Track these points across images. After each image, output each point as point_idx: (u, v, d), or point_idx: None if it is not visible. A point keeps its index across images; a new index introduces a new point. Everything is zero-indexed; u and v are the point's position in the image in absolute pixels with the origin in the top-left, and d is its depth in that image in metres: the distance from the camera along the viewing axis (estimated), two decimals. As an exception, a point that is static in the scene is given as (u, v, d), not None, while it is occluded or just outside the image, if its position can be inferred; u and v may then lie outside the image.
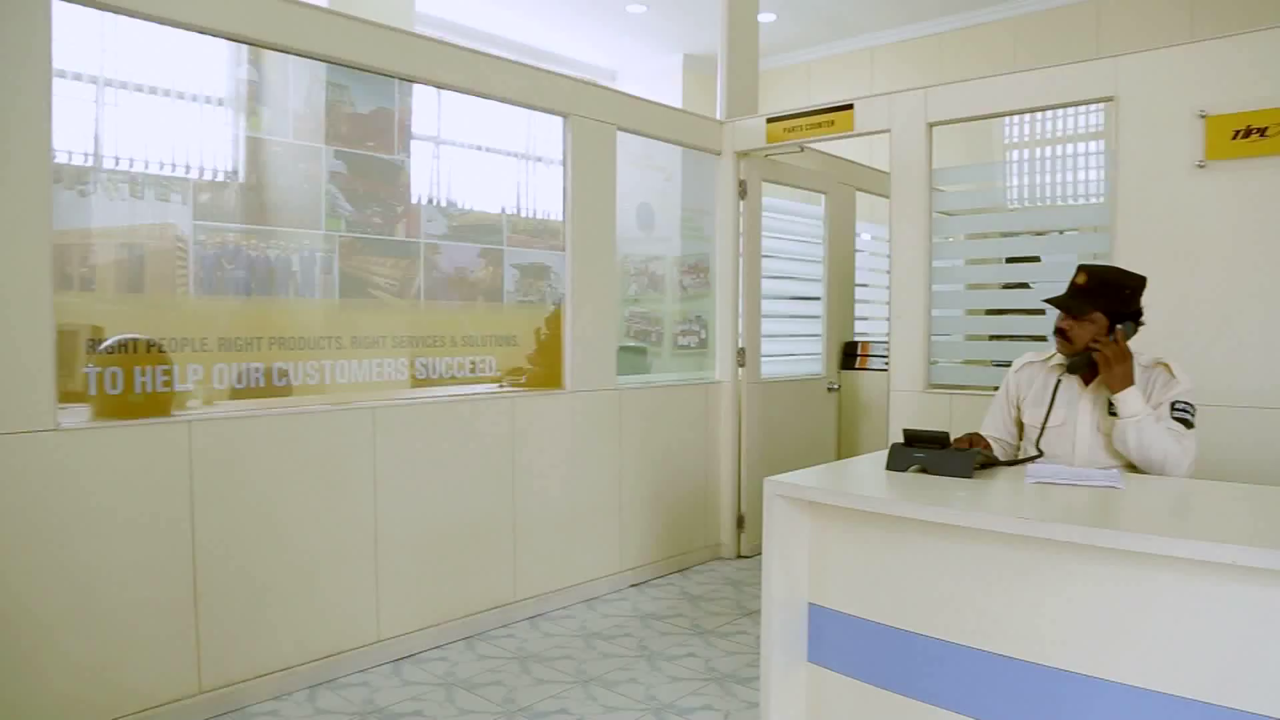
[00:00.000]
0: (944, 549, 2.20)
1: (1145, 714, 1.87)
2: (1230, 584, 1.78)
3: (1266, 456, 3.34)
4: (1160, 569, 1.85)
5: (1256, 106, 3.39)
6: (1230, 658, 1.79)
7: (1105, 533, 1.88)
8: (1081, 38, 6.78)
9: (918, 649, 2.25)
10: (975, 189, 4.84)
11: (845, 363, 5.88)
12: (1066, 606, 1.99)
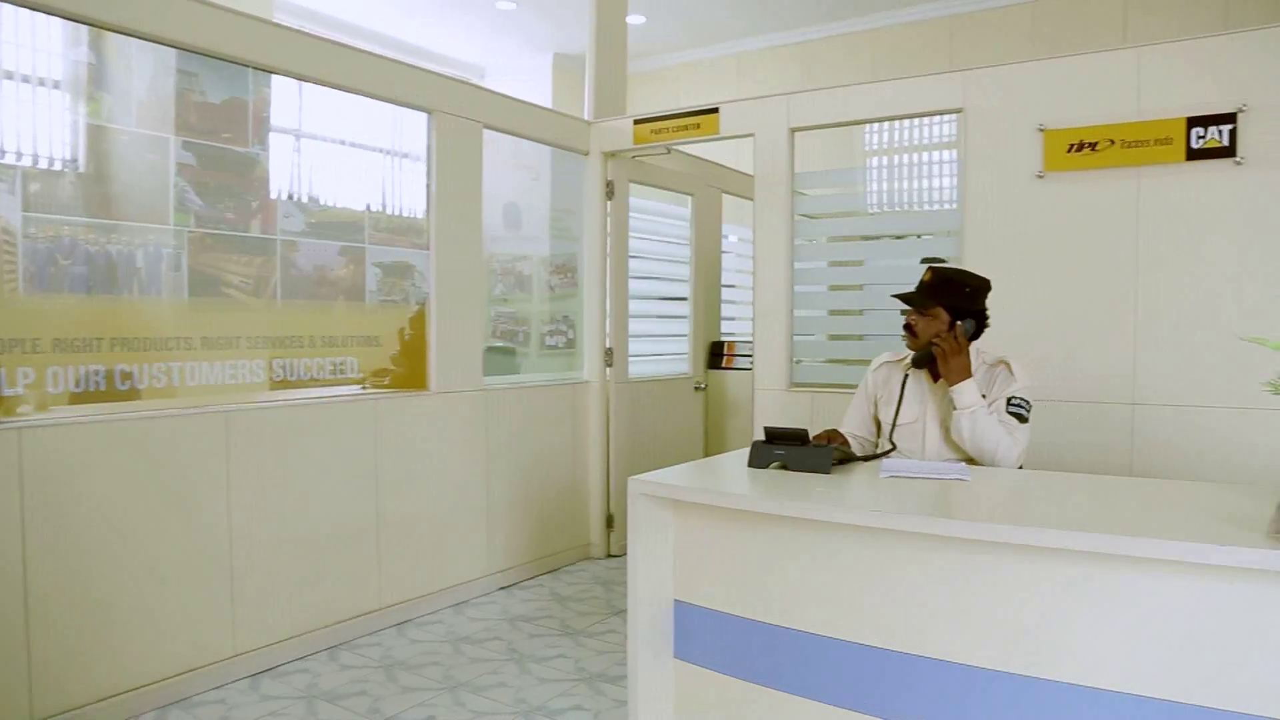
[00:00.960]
0: (804, 543, 2.26)
1: (996, 693, 1.98)
2: (1067, 567, 1.90)
3: (1100, 447, 3.58)
4: (1004, 555, 1.96)
5: (1089, 123, 3.63)
6: (1068, 636, 1.91)
7: (952, 523, 1.97)
8: (936, 52, 7.12)
9: (781, 641, 2.31)
10: (837, 193, 5.01)
11: (712, 362, 5.99)
12: (920, 594, 2.08)
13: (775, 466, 2.56)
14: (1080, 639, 1.90)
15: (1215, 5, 6.33)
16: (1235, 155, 3.39)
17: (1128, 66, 3.60)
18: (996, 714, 1.99)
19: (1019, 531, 1.89)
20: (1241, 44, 3.45)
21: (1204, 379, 3.42)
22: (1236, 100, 3.40)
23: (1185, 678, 1.80)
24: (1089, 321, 3.64)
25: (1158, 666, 1.82)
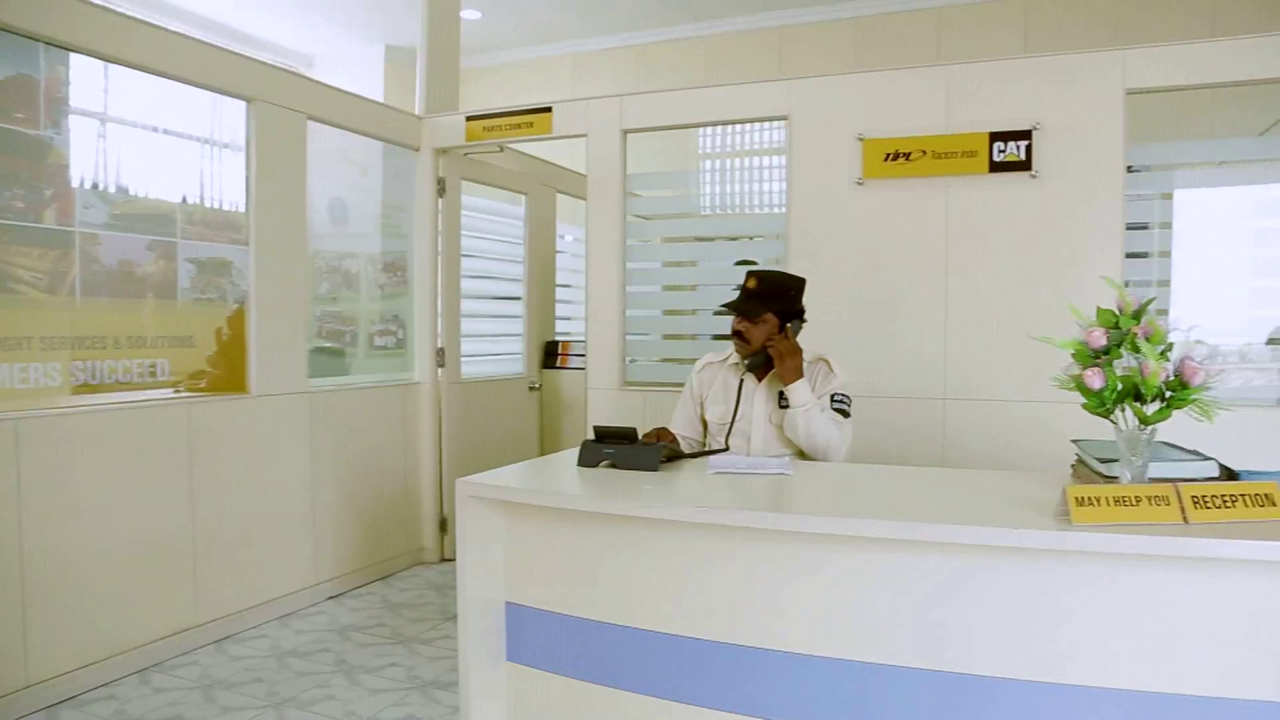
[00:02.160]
0: (634, 540, 2.29)
1: (825, 680, 2.06)
2: (883, 554, 2.01)
3: (914, 440, 3.80)
4: (828, 546, 2.05)
5: (903, 134, 3.85)
6: (894, 621, 2.01)
7: (778, 516, 2.05)
8: (766, 60, 7.36)
9: (614, 639, 2.32)
10: (671, 195, 5.10)
11: (547, 362, 5.98)
12: (749, 587, 2.14)
13: (604, 465, 2.57)
14: (902, 623, 2.01)
15: (1016, 30, 6.84)
16: (1031, 169, 3.68)
17: (938, 83, 3.83)
18: (825, 700, 2.07)
19: (836, 522, 1.98)
20: (1036, 68, 3.75)
21: (1006, 374, 3.69)
22: (1032, 118, 3.69)
23: (995, 653, 1.94)
24: (904, 320, 3.86)
25: (973, 644, 1.96)
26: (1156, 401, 1.85)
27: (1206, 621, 1.88)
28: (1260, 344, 3.70)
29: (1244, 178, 3.86)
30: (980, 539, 1.85)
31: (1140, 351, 1.82)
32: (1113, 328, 1.89)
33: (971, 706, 1.97)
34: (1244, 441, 3.39)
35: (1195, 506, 1.82)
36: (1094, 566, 1.90)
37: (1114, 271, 3.60)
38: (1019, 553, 1.92)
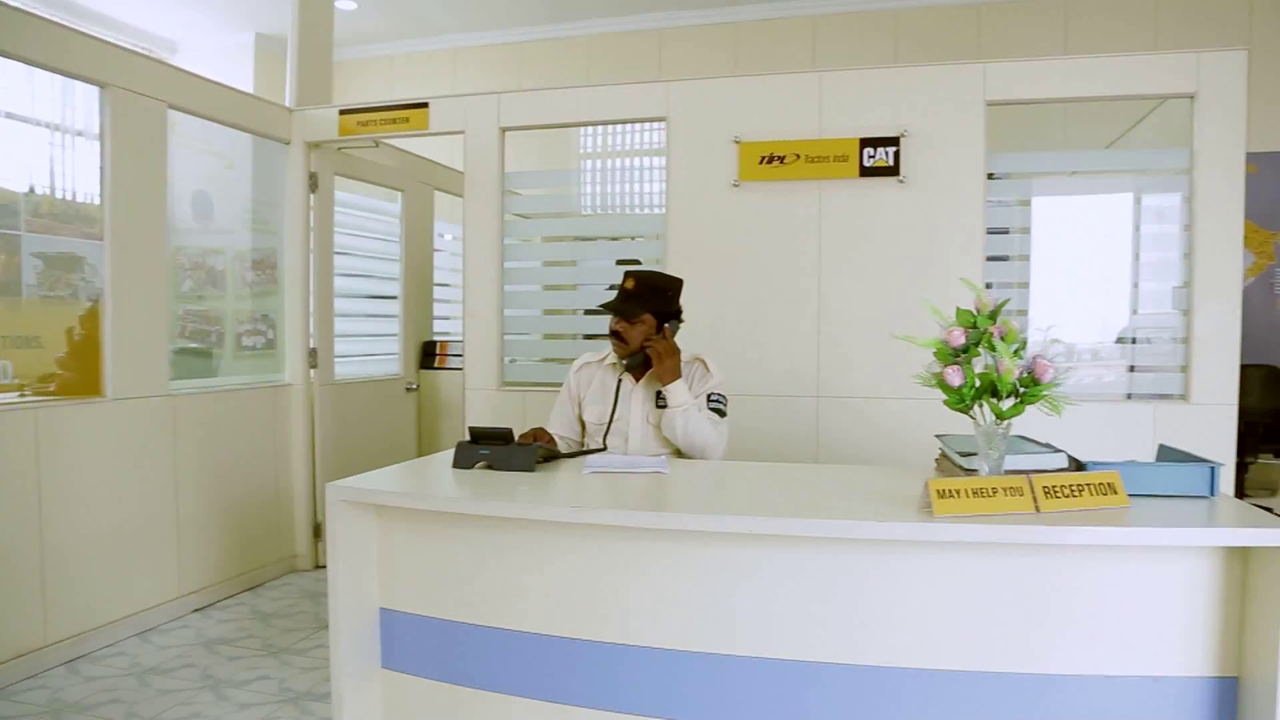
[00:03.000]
0: (512, 542, 2.26)
1: (701, 675, 2.09)
2: (763, 551, 2.05)
3: (789, 437, 3.89)
4: (704, 543, 2.08)
5: (778, 138, 3.94)
6: (769, 615, 2.06)
7: (651, 515, 2.06)
8: (647, 61, 7.41)
9: (492, 642, 2.29)
10: (551, 194, 5.07)
11: (425, 362, 5.86)
12: (625, 585, 2.15)
13: (480, 467, 2.54)
14: (777, 617, 2.05)
15: (888, 40, 7.09)
16: (899, 174, 3.82)
17: (812, 89, 3.93)
18: (701, 695, 2.10)
19: (710, 520, 2.00)
20: (904, 78, 3.89)
21: (876, 372, 3.82)
22: (900, 126, 3.82)
23: (869, 643, 2.01)
24: (778, 320, 3.95)
25: (851, 635, 2.02)
26: (1011, 398, 1.94)
27: (1060, 603, 1.99)
28: (1110, 343, 3.94)
29: (1094, 187, 4.10)
30: (848, 533, 1.91)
31: (996, 350, 1.90)
32: (971, 327, 1.98)
33: (850, 695, 2.03)
34: (1097, 434, 3.62)
35: (1046, 496, 1.92)
36: (957, 555, 1.99)
37: (975, 274, 3.77)
38: (887, 544, 2.00)
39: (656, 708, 2.13)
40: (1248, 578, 1.97)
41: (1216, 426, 3.62)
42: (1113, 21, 6.88)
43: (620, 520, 2.08)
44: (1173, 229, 3.79)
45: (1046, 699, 2.00)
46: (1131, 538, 1.85)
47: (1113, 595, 1.99)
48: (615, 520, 2.08)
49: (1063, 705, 2.00)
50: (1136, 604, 1.99)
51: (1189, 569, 1.99)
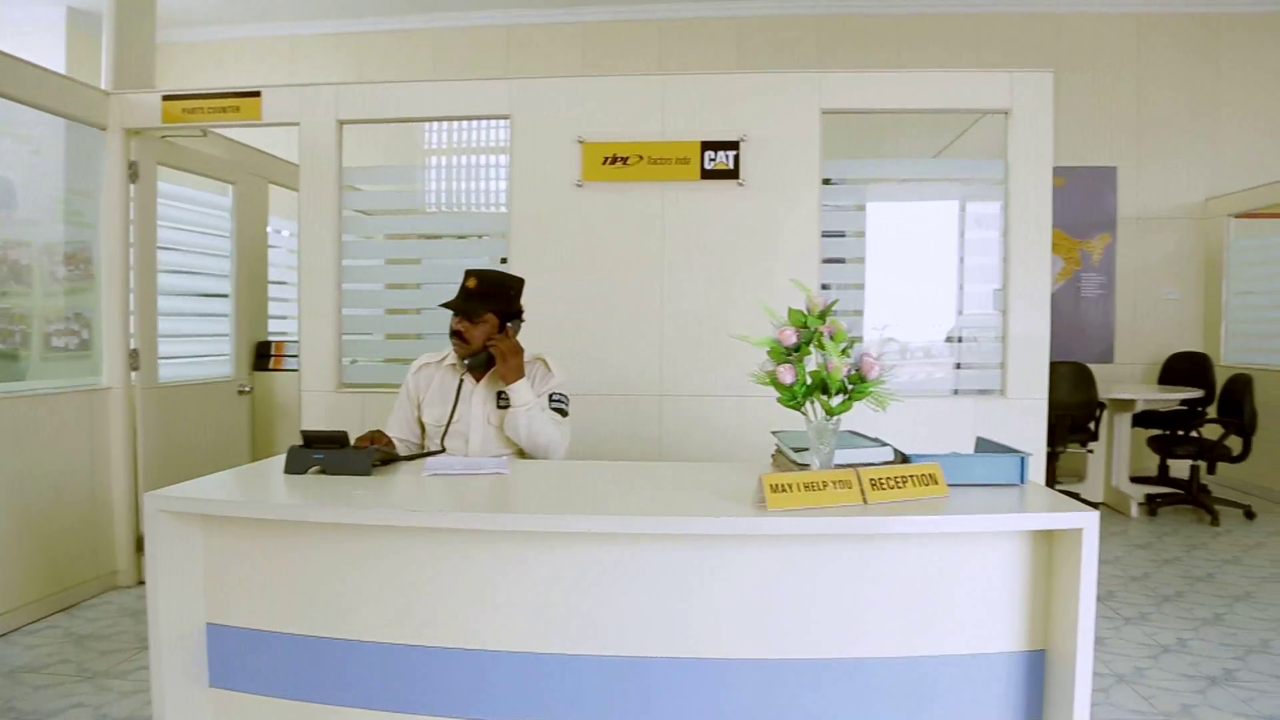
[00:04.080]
0: (347, 548, 2.19)
1: (545, 675, 2.08)
2: (606, 549, 2.06)
3: (633, 436, 3.92)
4: (547, 543, 2.07)
5: (621, 139, 3.96)
6: (614, 612, 2.07)
7: (489, 516, 2.04)
8: (494, 57, 7.33)
9: (329, 653, 2.21)
10: (395, 190, 4.93)
11: (259, 363, 5.59)
12: (467, 588, 2.11)
13: (314, 471, 2.44)
14: (620, 613, 2.07)
15: (730, 46, 7.26)
16: (738, 178, 3.92)
17: (654, 91, 3.98)
18: (550, 696, 2.09)
19: (550, 519, 2.00)
20: (744, 84, 4.00)
21: (717, 371, 3.90)
22: (739, 131, 3.92)
23: (708, 634, 2.06)
24: (621, 320, 3.98)
25: (683, 628, 2.06)
26: (840, 394, 2.02)
27: (887, 589, 2.09)
28: (940, 341, 4.16)
29: (923, 194, 4.32)
30: (686, 529, 1.95)
31: (825, 349, 1.97)
32: (802, 327, 2.05)
33: (695, 688, 2.07)
34: (927, 427, 3.82)
35: (873, 488, 2.01)
36: (793, 546, 2.06)
37: (812, 275, 3.91)
38: (727, 539, 2.04)
39: (507, 712, 2.11)
40: (1053, 558, 2.12)
41: (1030, 419, 3.88)
42: (939, 41, 7.29)
43: (459, 523, 2.05)
44: (993, 235, 4.04)
45: (877, 681, 2.10)
46: (949, 525, 1.97)
47: (935, 579, 2.11)
48: (454, 523, 2.05)
49: (892, 686, 2.10)
50: (957, 586, 2.11)
51: (1002, 552, 2.12)
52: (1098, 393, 5.89)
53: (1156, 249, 7.36)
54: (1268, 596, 4.23)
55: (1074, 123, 7.23)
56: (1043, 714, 2.16)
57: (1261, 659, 3.45)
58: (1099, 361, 6.99)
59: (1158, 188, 7.36)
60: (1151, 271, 7.36)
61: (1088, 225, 7.14)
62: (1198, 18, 7.39)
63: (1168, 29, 7.38)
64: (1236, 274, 7.08)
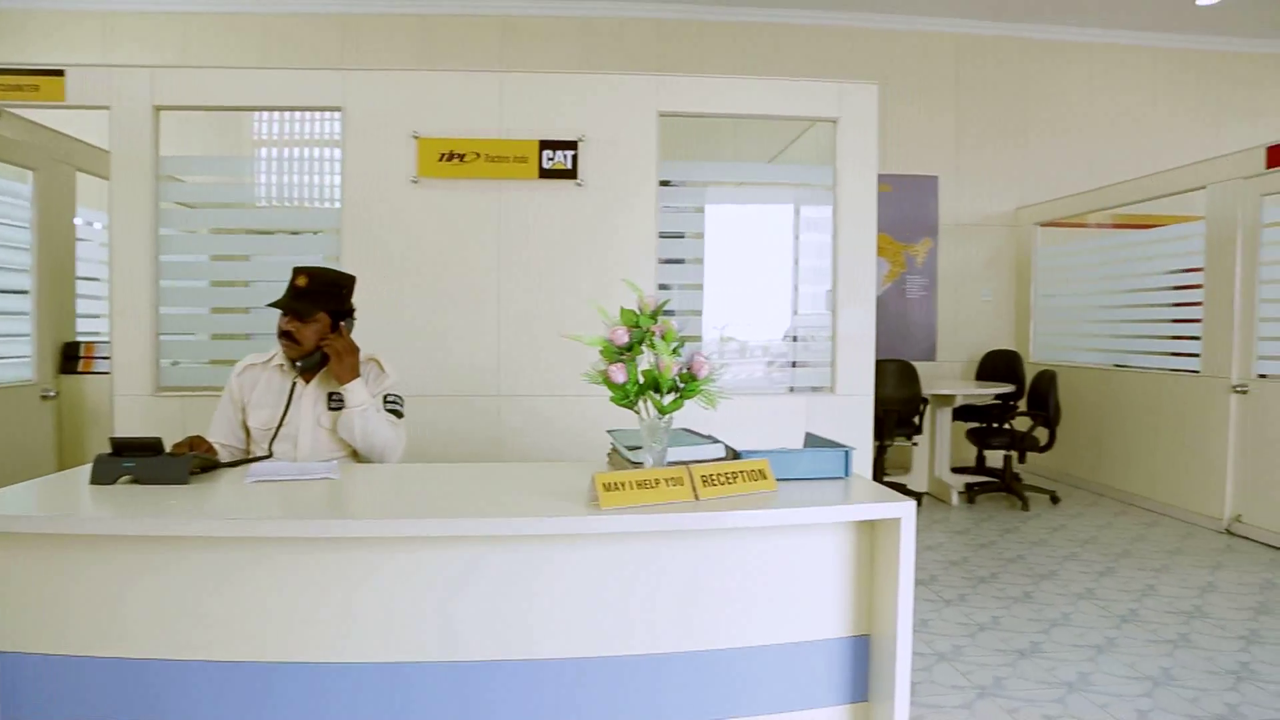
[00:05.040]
0: (163, 563, 2.05)
1: (381, 685, 2.02)
2: (439, 553, 2.02)
3: (471, 438, 3.87)
4: (379, 548, 2.01)
5: (458, 135, 3.90)
6: (450, 616, 2.03)
7: (322, 523, 1.96)
8: (327, 47, 7.06)
9: (145, 675, 2.06)
10: (223, 182, 4.67)
11: (66, 366, 5.18)
12: (296, 600, 2.02)
13: (125, 481, 2.28)
14: (458, 618, 2.04)
15: (574, 46, 7.27)
16: (577, 178, 3.92)
17: (493, 88, 3.93)
18: (385, 705, 2.02)
19: (377, 524, 1.95)
20: (583, 84, 4.01)
21: (555, 371, 3.90)
22: (578, 130, 3.93)
23: (546, 634, 2.05)
24: (459, 320, 3.92)
25: (522, 629, 2.04)
26: (671, 393, 2.06)
27: (720, 583, 2.14)
28: (778, 340, 4.29)
29: (760, 197, 4.44)
30: (518, 530, 1.93)
31: (656, 348, 2.00)
32: (634, 326, 2.07)
33: (532, 690, 2.05)
34: (765, 424, 3.94)
35: (704, 484, 2.05)
36: (628, 544, 2.07)
37: (649, 275, 3.96)
38: (562, 539, 2.04)
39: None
40: (875, 547, 2.23)
41: (857, 415, 4.07)
42: (776, 51, 7.54)
43: (285, 530, 1.96)
44: (825, 238, 4.20)
45: (714, 673, 2.15)
46: (775, 519, 2.03)
47: (767, 571, 2.18)
48: (279, 531, 1.96)
49: (728, 677, 2.16)
50: (787, 577, 2.19)
51: (828, 543, 2.21)
52: (921, 388, 6.23)
53: (974, 254, 7.85)
54: (1068, 574, 4.58)
55: (900, 134, 7.62)
56: (868, 694, 2.26)
57: (1063, 631, 3.73)
58: (923, 359, 7.41)
59: (974, 196, 7.85)
60: (969, 274, 7.85)
61: (912, 230, 7.56)
62: (1012, 40, 7.94)
63: (983, 50, 7.89)
64: (1042, 278, 7.65)
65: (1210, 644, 3.60)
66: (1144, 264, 6.47)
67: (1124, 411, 6.49)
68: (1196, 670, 3.33)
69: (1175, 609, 4.03)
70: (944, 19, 7.71)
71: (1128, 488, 6.44)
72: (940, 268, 7.68)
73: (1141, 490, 6.29)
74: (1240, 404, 5.44)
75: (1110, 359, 6.76)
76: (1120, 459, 6.53)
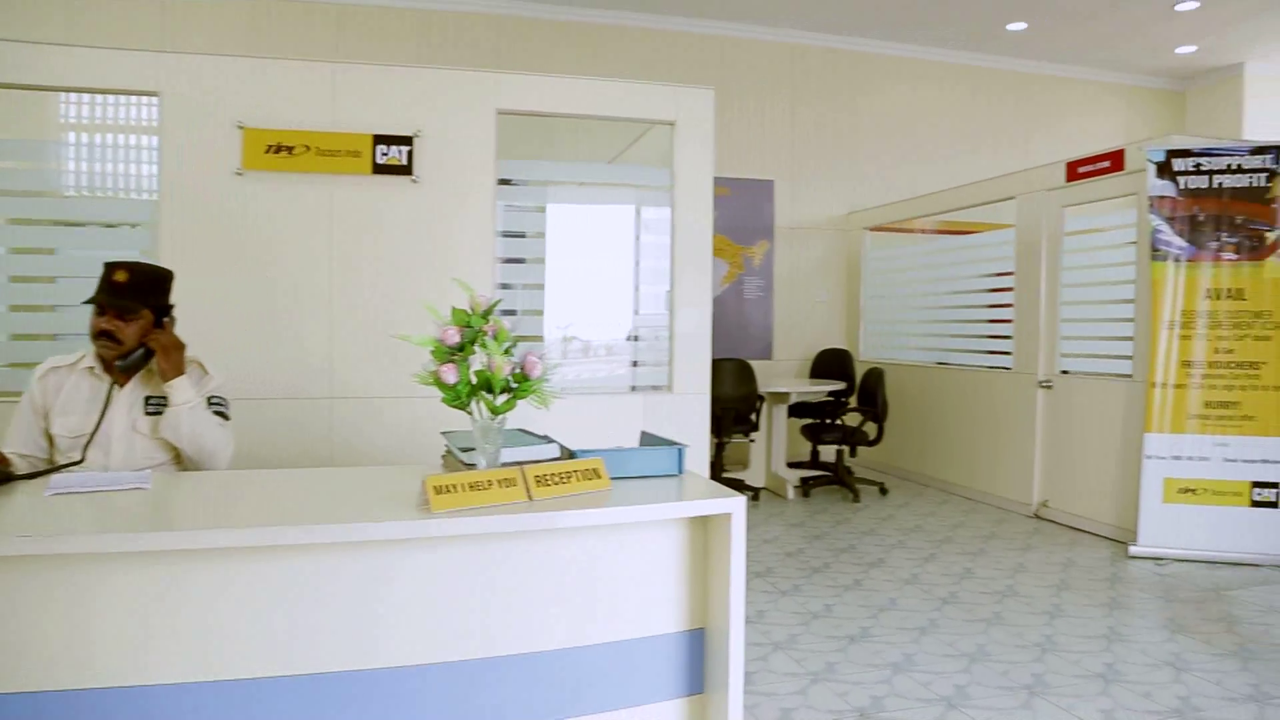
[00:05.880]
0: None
1: (216, 705, 1.91)
2: (264, 564, 1.92)
3: (302, 441, 3.72)
4: (205, 560, 1.90)
5: (287, 126, 3.74)
6: (280, 630, 1.94)
7: (131, 536, 1.83)
8: (147, 27, 6.63)
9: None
10: (23, 168, 4.30)
11: None
12: (105, 619, 1.88)
13: (-95, 498, 2.07)
14: (282, 631, 1.94)
15: (411, 40, 7.11)
16: (412, 174, 3.83)
17: (324, 79, 3.79)
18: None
19: (197, 536, 1.84)
20: (419, 78, 3.92)
21: (391, 372, 3.79)
22: (414, 126, 3.84)
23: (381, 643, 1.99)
24: (289, 319, 3.76)
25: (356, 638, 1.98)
26: (504, 393, 2.04)
27: (557, 583, 2.14)
28: (622, 340, 4.33)
29: (602, 198, 4.47)
30: (345, 536, 1.87)
31: (488, 348, 1.98)
32: (465, 326, 2.04)
33: (367, 701, 1.98)
34: (606, 423, 3.96)
35: (538, 484, 2.05)
36: (462, 547, 2.04)
37: (487, 275, 3.92)
38: (394, 544, 1.99)
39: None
40: (708, 542, 2.28)
41: (694, 413, 4.16)
42: (617, 53, 7.60)
43: (89, 546, 1.81)
44: (665, 239, 4.26)
45: (554, 673, 2.15)
46: (607, 517, 2.05)
47: (603, 570, 2.19)
48: (82, 547, 1.81)
49: (568, 676, 2.16)
50: (623, 575, 2.21)
51: (663, 539, 2.25)
52: (758, 386, 6.44)
53: (808, 256, 8.16)
54: (895, 561, 4.83)
55: (738, 138, 7.84)
56: (704, 686, 2.31)
57: (890, 615, 3.93)
58: (760, 358, 7.64)
59: (809, 201, 8.17)
60: (804, 276, 8.15)
61: (750, 232, 7.78)
62: (843, 53, 8.29)
63: (817, 60, 8.22)
64: (871, 280, 8.04)
65: (1020, 620, 3.87)
66: (962, 268, 6.90)
67: (945, 406, 6.90)
68: (1008, 645, 3.57)
69: (990, 589, 4.31)
70: (780, 29, 7.98)
71: (949, 478, 6.86)
72: (776, 269, 7.94)
73: (962, 480, 6.70)
74: (1046, 398, 5.89)
75: (933, 357, 7.17)
76: (943, 451, 6.93)
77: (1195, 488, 4.86)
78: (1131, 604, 4.12)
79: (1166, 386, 4.91)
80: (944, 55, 8.62)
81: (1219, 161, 4.87)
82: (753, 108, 7.95)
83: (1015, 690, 3.15)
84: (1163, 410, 4.90)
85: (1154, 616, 3.95)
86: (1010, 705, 3.03)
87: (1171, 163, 4.92)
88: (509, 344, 2.04)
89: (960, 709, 3.00)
